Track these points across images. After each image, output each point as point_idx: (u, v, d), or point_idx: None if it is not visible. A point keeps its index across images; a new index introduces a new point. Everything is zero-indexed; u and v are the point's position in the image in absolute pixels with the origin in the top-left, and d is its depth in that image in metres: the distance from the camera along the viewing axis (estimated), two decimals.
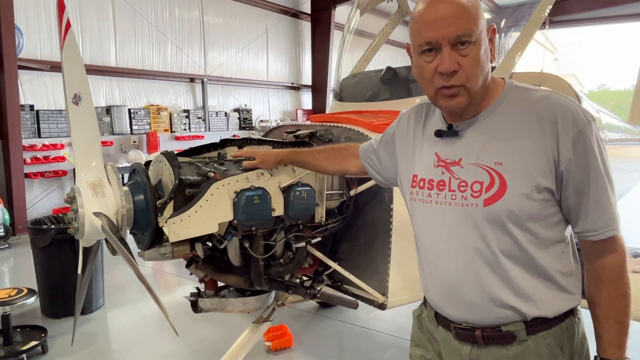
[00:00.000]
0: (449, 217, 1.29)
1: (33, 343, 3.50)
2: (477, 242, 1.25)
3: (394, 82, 3.15)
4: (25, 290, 3.66)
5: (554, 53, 34.69)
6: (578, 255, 1.32)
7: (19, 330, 3.69)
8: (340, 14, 13.56)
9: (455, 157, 1.30)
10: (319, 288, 2.56)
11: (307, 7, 13.79)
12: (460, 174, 1.28)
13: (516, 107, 1.25)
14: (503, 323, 1.26)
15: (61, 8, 1.89)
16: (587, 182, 1.19)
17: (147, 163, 2.17)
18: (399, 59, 14.66)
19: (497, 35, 1.26)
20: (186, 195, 1.93)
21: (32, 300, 3.58)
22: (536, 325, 1.25)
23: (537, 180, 1.19)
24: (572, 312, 1.29)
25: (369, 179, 2.25)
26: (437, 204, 1.31)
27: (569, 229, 1.29)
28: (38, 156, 7.94)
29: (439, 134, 1.34)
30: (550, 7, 3.16)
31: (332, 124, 2.59)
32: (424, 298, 1.49)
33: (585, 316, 1.33)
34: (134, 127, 9.59)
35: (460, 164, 1.28)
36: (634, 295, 1.24)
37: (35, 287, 4.02)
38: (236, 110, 12.23)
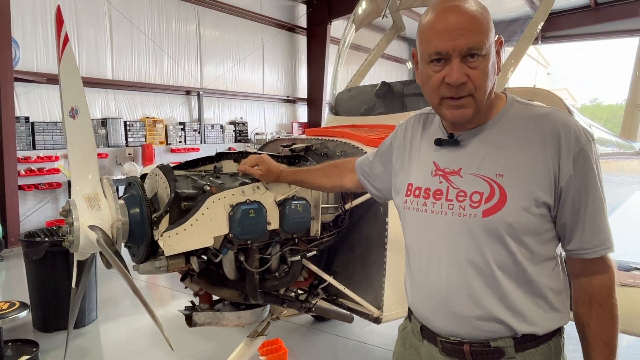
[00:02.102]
0: (444, 227, 1.27)
1: (24, 358, 3.46)
2: (472, 254, 1.23)
3: (389, 97, 3.18)
4: (18, 304, 3.62)
5: (547, 67, 35.09)
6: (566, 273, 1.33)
7: (10, 344, 3.64)
8: (335, 28, 13.70)
9: (455, 167, 1.28)
10: (314, 302, 2.56)
11: (303, 22, 13.93)
12: (459, 184, 1.26)
13: (519, 121, 1.25)
14: (492, 338, 1.25)
15: (59, 22, 1.90)
16: (584, 199, 1.19)
17: (143, 176, 2.17)
18: (393, 73, 14.79)
19: (503, 47, 1.27)
20: (182, 209, 1.93)
21: (24, 314, 3.54)
22: (525, 342, 1.24)
23: (537, 194, 1.19)
24: (559, 331, 1.30)
25: (364, 193, 2.27)
26: (433, 213, 1.29)
27: (559, 248, 1.29)
28: (32, 168, 7.91)
29: (439, 142, 1.33)
30: (543, 23, 3.22)
31: (327, 138, 2.61)
32: (409, 310, 1.46)
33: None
34: (129, 140, 9.59)
35: (459, 173, 1.27)
36: (626, 309, 1.25)
37: (27, 300, 3.98)
38: (232, 122, 12.26)
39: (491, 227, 1.20)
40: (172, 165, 2.19)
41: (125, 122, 9.56)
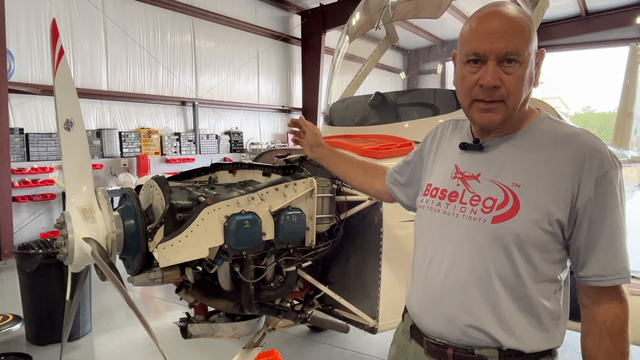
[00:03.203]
0: (453, 229, 1.28)
1: None
2: (474, 259, 1.23)
3: (383, 107, 3.20)
4: (11, 317, 3.60)
5: (540, 76, 35.38)
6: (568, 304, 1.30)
7: (2, 358, 3.61)
8: (330, 38, 13.79)
9: (475, 171, 1.29)
10: (309, 312, 2.55)
11: (297, 32, 14.02)
12: (475, 188, 1.27)
13: (546, 136, 1.24)
14: (477, 346, 1.24)
15: (55, 35, 1.92)
16: (602, 224, 1.16)
17: (138, 188, 2.17)
18: (388, 83, 14.88)
19: (543, 60, 1.27)
20: (177, 220, 1.93)
21: (18, 327, 3.52)
22: (510, 356, 1.22)
23: (551, 210, 1.17)
24: (550, 353, 1.26)
25: (358, 203, 2.28)
26: (445, 214, 1.31)
27: (564, 275, 1.27)
28: (26, 179, 7.87)
29: (463, 146, 1.34)
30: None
31: None
32: (405, 309, 1.47)
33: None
34: (124, 150, 9.58)
35: (478, 178, 1.28)
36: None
37: (21, 313, 3.95)
38: (227, 133, 12.27)
39: (498, 234, 1.20)
40: (167, 176, 2.19)
41: (120, 133, 9.56)
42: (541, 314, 1.22)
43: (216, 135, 11.87)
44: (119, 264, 1.95)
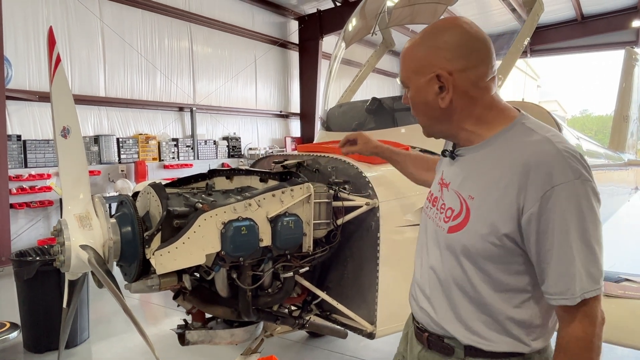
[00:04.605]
0: (429, 231, 1.40)
1: None
2: (437, 261, 1.34)
3: (380, 112, 3.21)
4: (8, 325, 3.58)
5: (537, 80, 35.53)
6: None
7: None
8: (327, 43, 13.84)
9: (448, 180, 1.36)
10: (307, 318, 2.55)
11: (295, 37, 14.07)
12: (445, 196, 1.35)
13: (509, 145, 1.21)
14: (445, 336, 1.34)
15: (51, 43, 1.92)
16: (550, 242, 1.11)
17: (135, 194, 2.18)
18: (385, 87, 14.92)
19: (449, 79, 1.22)
20: (174, 227, 1.93)
21: (15, 335, 3.51)
22: (473, 350, 1.27)
23: (497, 224, 1.16)
24: (522, 356, 1.24)
25: (355, 208, 2.28)
26: (428, 218, 1.43)
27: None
28: (24, 186, 7.86)
29: (444, 153, 1.43)
30: (529, 38, 3.28)
31: (319, 154, 2.63)
32: None
33: None
34: (122, 156, 9.57)
35: (448, 187, 1.35)
36: (616, 320, 1.24)
37: (18, 320, 3.93)
38: (225, 138, 12.28)
39: (451, 244, 1.27)
40: (164, 182, 2.19)
41: (117, 139, 9.55)
42: (504, 321, 1.23)
43: (214, 141, 11.87)
44: (116, 270, 1.95)
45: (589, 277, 1.09)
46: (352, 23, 3.85)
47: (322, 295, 2.40)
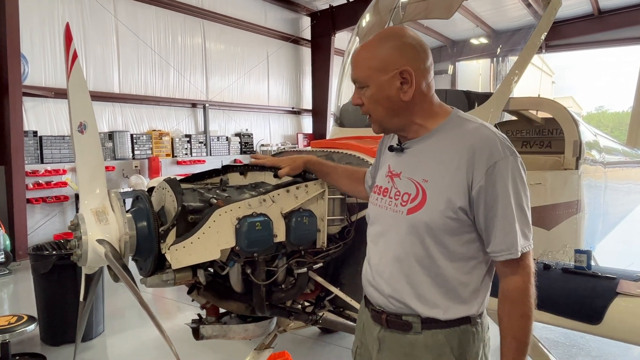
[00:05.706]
0: (385, 219, 1.53)
1: None
2: (397, 245, 1.47)
3: None
4: (25, 318, 3.64)
5: (552, 76, 35.05)
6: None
7: (17, 358, 3.66)
8: (339, 39, 13.81)
9: (398, 170, 1.53)
10: (320, 314, 2.55)
11: (307, 34, 14.05)
12: (398, 185, 1.51)
13: (451, 134, 1.44)
14: (403, 313, 1.48)
15: (68, 39, 1.94)
16: (495, 208, 1.33)
17: (151, 190, 2.19)
18: None
19: (412, 75, 1.41)
20: (189, 222, 1.94)
21: (32, 328, 3.56)
22: (430, 322, 1.44)
23: (452, 199, 1.36)
24: (468, 321, 1.45)
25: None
26: (380, 207, 1.56)
27: (485, 252, 1.44)
28: (40, 181, 7.98)
29: (391, 148, 1.58)
30: (546, 33, 3.23)
31: (332, 150, 2.62)
32: None
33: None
34: (136, 152, 9.66)
35: (400, 176, 1.52)
36: (636, 320, 1.23)
37: (35, 314, 3.99)
38: (237, 134, 12.33)
39: (412, 223, 1.42)
40: (178, 178, 2.20)
41: (132, 135, 9.65)
42: (457, 287, 1.43)
43: (226, 137, 11.92)
44: (132, 265, 1.96)
45: (524, 236, 1.35)
46: (366, 18, 3.82)
47: (336, 291, 2.40)
